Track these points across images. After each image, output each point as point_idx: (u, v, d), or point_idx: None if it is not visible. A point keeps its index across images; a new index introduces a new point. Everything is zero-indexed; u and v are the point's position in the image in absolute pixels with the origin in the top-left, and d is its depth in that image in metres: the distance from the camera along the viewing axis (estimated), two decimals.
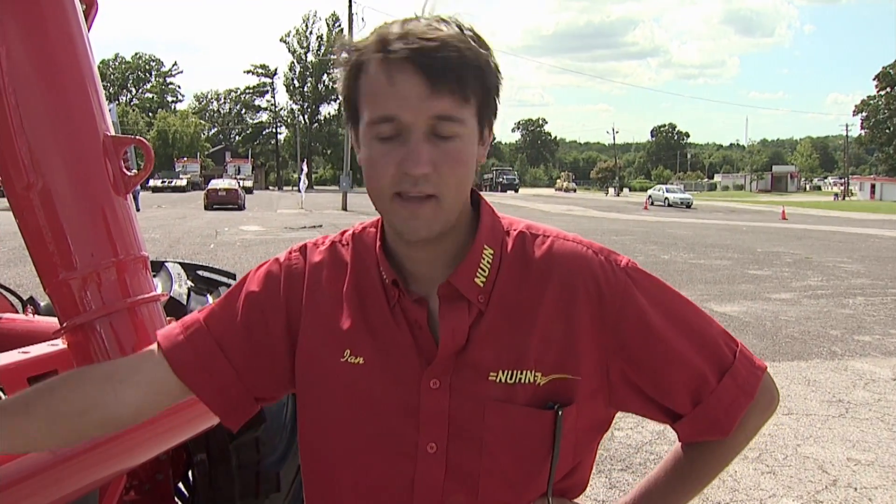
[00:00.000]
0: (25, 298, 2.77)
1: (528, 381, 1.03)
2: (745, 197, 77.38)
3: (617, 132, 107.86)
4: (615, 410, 1.11)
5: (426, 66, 0.94)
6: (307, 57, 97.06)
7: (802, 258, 15.93)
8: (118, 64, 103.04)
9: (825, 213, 41.68)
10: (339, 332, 1.08)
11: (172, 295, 2.67)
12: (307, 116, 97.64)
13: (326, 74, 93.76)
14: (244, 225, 23.72)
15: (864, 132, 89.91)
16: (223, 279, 3.02)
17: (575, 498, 1.13)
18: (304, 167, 45.28)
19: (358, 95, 1.00)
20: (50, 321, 2.40)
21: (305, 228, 22.42)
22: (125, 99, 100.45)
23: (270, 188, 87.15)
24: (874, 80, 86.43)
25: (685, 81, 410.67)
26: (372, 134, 0.98)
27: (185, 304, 2.70)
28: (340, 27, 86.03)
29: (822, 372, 6.61)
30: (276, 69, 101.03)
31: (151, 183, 57.21)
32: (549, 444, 1.04)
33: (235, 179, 48.58)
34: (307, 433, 1.13)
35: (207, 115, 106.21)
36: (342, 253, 1.14)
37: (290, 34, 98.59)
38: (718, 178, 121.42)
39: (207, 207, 34.55)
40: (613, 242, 18.22)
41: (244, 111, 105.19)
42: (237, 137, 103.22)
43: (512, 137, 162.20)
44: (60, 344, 1.96)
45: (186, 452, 2.64)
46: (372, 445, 1.05)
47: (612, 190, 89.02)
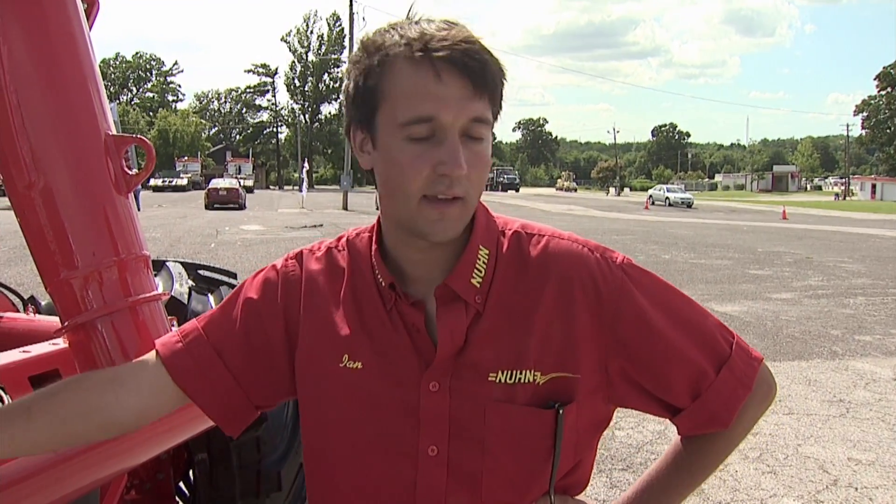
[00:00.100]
0: (26, 297, 2.77)
1: (527, 380, 1.03)
2: (745, 197, 77.33)
3: (618, 132, 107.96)
4: (615, 407, 1.12)
5: (469, 68, 0.95)
6: (308, 56, 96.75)
7: (803, 258, 15.92)
8: (119, 63, 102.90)
9: (826, 212, 41.65)
10: (336, 337, 1.09)
11: (173, 294, 2.67)
12: (308, 116, 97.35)
13: (327, 73, 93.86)
14: (245, 224, 23.70)
15: (864, 132, 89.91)
16: (224, 278, 3.02)
17: (576, 495, 1.13)
18: (305, 166, 45.29)
19: (381, 96, 0.98)
20: (51, 320, 2.41)
21: (306, 228, 22.41)
22: (126, 98, 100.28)
23: (271, 187, 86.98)
24: (875, 80, 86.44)
25: (686, 81, 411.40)
26: (403, 135, 0.97)
27: (186, 303, 2.70)
28: (341, 26, 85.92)
29: (822, 372, 6.61)
30: (276, 68, 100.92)
31: (152, 182, 57.01)
32: (550, 443, 1.04)
33: (236, 179, 48.47)
34: (309, 437, 1.13)
35: (208, 114, 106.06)
36: (338, 258, 1.14)
37: (290, 33, 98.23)
38: (719, 177, 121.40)
39: (208, 207, 34.47)
40: (614, 242, 18.22)
41: (245, 110, 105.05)
42: (238, 137, 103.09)
43: (512, 137, 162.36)
44: (61, 343, 1.96)
45: (187, 452, 2.64)
46: (373, 448, 1.06)
47: (612, 189, 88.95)
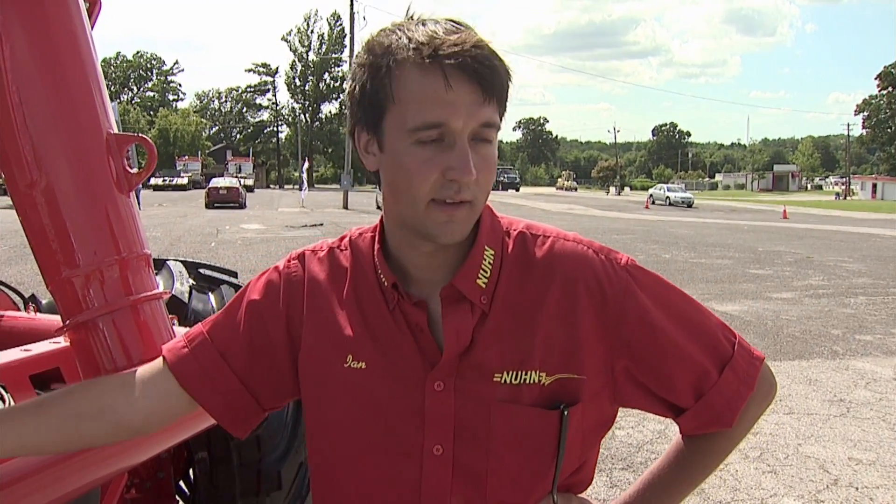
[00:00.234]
0: (27, 296, 2.77)
1: (533, 381, 1.03)
2: (746, 196, 77.28)
3: (618, 131, 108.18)
4: (619, 407, 1.12)
5: (479, 74, 0.94)
6: (308, 55, 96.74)
7: (804, 257, 15.92)
8: (120, 62, 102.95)
9: (826, 212, 41.63)
10: (340, 337, 1.09)
11: (174, 293, 2.68)
12: (308, 115, 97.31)
13: (328, 73, 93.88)
14: (245, 223, 23.70)
15: (865, 131, 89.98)
16: (224, 277, 3.03)
17: (581, 493, 1.13)
18: (305, 165, 45.29)
19: (389, 100, 0.97)
20: (52, 319, 2.41)
21: (307, 227, 22.41)
22: (127, 97, 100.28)
23: (271, 186, 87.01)
24: (876, 79, 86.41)
25: (686, 80, 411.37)
26: (412, 139, 0.96)
27: (186, 302, 2.71)
28: (342, 25, 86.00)
29: (823, 371, 6.61)
30: (277, 68, 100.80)
31: (153, 181, 56.92)
32: (555, 443, 1.04)
33: (236, 178, 48.45)
34: (314, 437, 1.13)
35: (209, 113, 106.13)
36: (341, 258, 1.14)
37: (291, 33, 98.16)
38: (720, 177, 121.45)
39: (208, 206, 34.49)
40: (615, 241, 18.21)
41: (245, 110, 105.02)
42: (238, 136, 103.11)
43: (513, 136, 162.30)
44: (63, 342, 1.96)
45: (188, 450, 2.64)
46: (377, 448, 1.06)
47: (613, 189, 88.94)
